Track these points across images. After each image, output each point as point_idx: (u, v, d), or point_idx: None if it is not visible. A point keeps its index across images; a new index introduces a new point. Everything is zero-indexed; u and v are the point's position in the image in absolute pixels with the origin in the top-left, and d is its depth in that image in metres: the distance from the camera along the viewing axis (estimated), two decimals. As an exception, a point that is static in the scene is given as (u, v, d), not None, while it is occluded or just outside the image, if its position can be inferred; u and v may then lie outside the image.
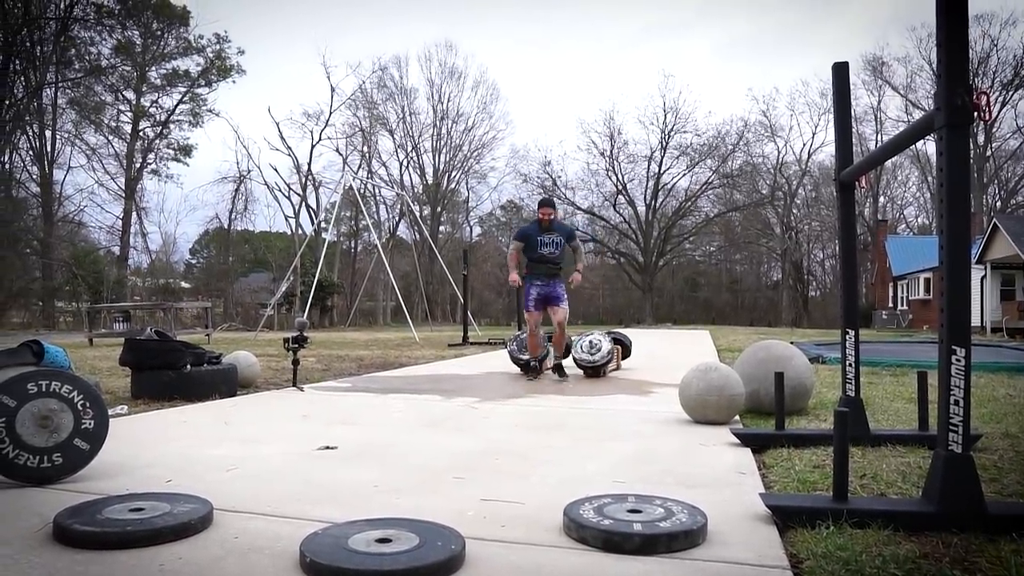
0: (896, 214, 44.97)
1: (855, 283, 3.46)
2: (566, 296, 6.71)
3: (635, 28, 62.81)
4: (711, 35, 62.11)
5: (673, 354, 10.74)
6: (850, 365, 3.18)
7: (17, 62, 28.91)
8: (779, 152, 42.96)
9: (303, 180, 36.97)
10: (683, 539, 1.93)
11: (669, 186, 43.31)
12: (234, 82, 36.87)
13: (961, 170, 2.04)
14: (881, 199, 43.30)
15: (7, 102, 28.38)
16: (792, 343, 6.86)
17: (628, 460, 3.13)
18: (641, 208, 43.21)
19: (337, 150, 38.46)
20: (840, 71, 3.34)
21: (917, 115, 37.66)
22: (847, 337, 3.19)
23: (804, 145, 42.63)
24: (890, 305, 36.21)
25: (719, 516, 2.14)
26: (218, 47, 35.85)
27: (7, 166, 30.55)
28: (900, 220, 44.88)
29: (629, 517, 2.06)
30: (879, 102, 40.42)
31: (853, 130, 4.24)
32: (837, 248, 41.68)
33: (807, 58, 62.87)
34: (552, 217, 6.67)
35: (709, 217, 44.09)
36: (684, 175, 43.00)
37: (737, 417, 4.19)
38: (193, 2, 38.76)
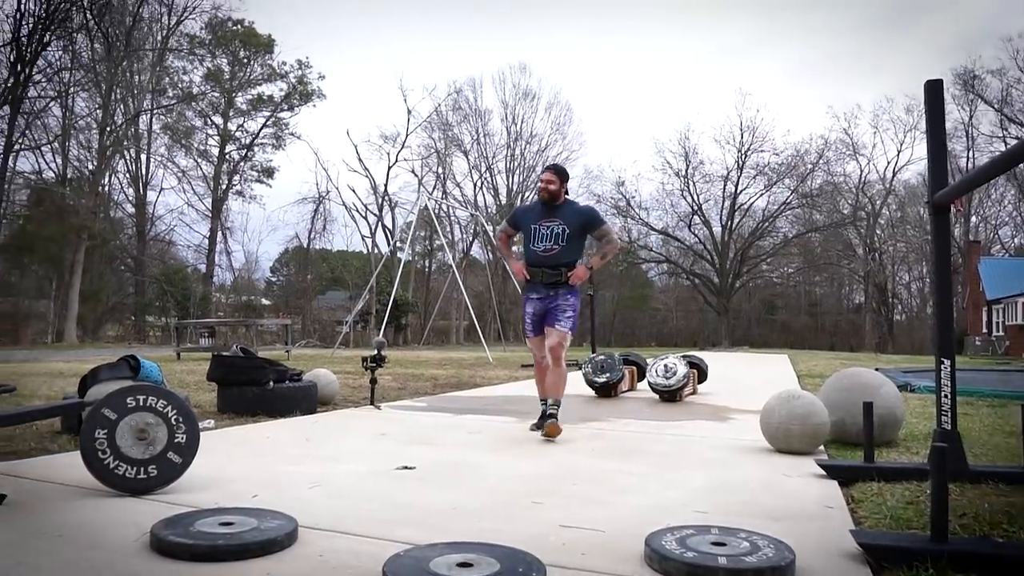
0: (990, 234, 42.84)
1: (950, 310, 3.30)
2: (571, 313, 4.53)
3: (709, 49, 62.11)
4: (788, 55, 60.93)
5: (751, 379, 10.47)
6: (946, 396, 3.03)
7: (118, 91, 30.66)
8: (862, 171, 41.56)
9: (380, 201, 37.82)
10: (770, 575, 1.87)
11: (746, 206, 42.43)
12: (315, 106, 38.14)
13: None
14: (973, 219, 41.36)
15: (108, 128, 30.10)
16: (877, 370, 6.60)
17: (708, 489, 3.06)
18: (717, 229, 42.47)
19: (413, 171, 39.24)
20: (933, 89, 3.21)
21: (1013, 130, 35.93)
22: (942, 367, 3.04)
23: (888, 163, 40.89)
24: (984, 331, 34.44)
25: (807, 552, 2.06)
26: (300, 73, 37.20)
27: (106, 188, 32.36)
28: (994, 241, 42.72)
29: (713, 550, 2.00)
30: (971, 117, 38.68)
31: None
32: (926, 271, 40.07)
33: (891, 74, 60.98)
34: (555, 189, 4.54)
35: (787, 238, 42.95)
36: (761, 195, 42.08)
37: (822, 447, 4.04)
38: (278, 30, 40.41)
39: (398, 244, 35.95)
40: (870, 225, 41.29)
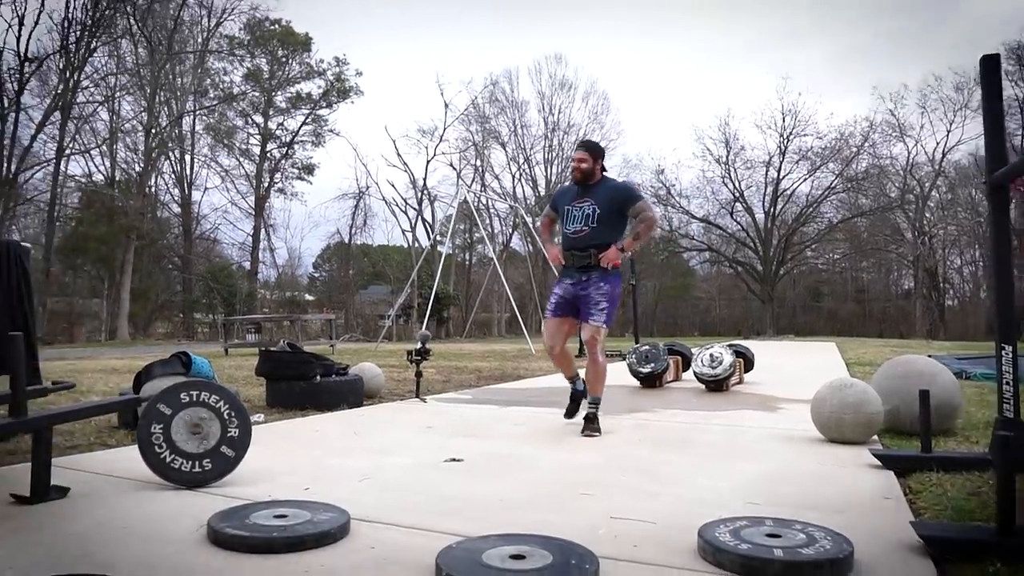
0: (1046, 216, 41.42)
1: (1011, 294, 3.20)
2: (605, 304, 4.19)
3: (749, 34, 60.92)
4: (830, 38, 59.45)
5: (798, 368, 10.30)
6: (1007, 384, 2.93)
7: (161, 94, 31.34)
8: (909, 153, 40.39)
9: (419, 195, 38.03)
10: (828, 568, 1.83)
11: (789, 192, 41.66)
12: (353, 103, 38.50)
13: None
14: (1028, 200, 40.00)
15: (153, 131, 30.80)
16: (930, 356, 6.43)
17: (760, 480, 3.01)
18: (760, 215, 41.80)
19: (451, 164, 39.34)
20: (989, 64, 3.08)
21: (1069, 108, 34.56)
22: (1004, 353, 2.94)
23: (938, 144, 39.64)
24: (1041, 315, 33.33)
25: (865, 545, 2.01)
26: (338, 70, 37.52)
27: (153, 189, 33.13)
28: (1051, 222, 41.28)
29: (768, 542, 1.97)
30: (1025, 94, 37.35)
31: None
32: (979, 254, 38.90)
33: (939, 52, 59.19)
34: (588, 168, 4.28)
35: (832, 223, 42.08)
36: (805, 180, 41.25)
37: (875, 437, 3.96)
38: (315, 28, 40.83)
39: (438, 238, 36.03)
40: (919, 208, 40.19)
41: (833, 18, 57.07)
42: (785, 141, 40.69)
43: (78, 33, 27.52)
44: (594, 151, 4.37)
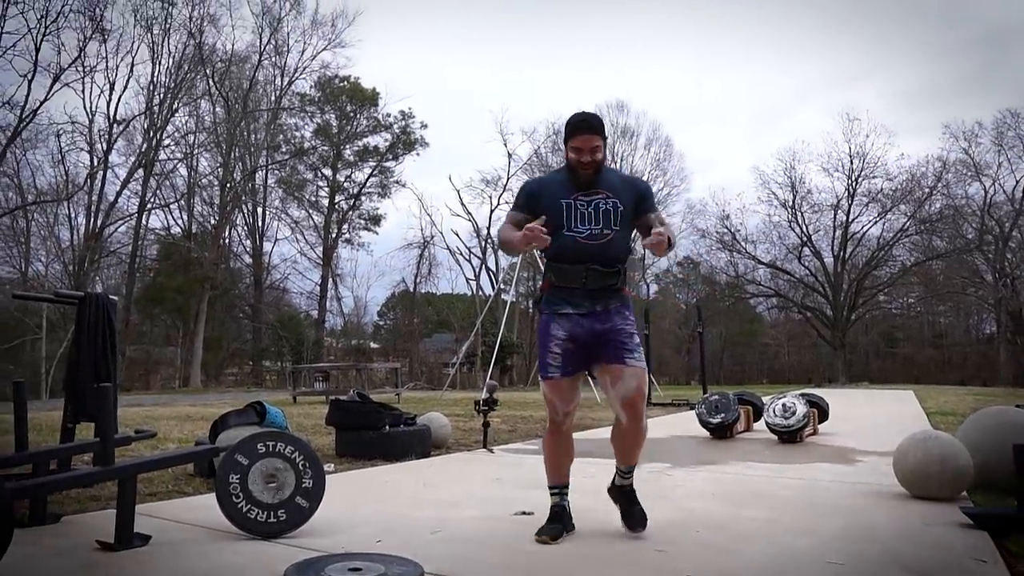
0: None
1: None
2: (639, 338, 3.03)
3: (814, 76, 60.37)
4: (897, 78, 58.41)
5: (875, 418, 9.90)
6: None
7: (236, 150, 32.79)
8: (986, 192, 38.87)
9: (483, 243, 38.48)
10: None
11: (859, 235, 40.61)
12: (418, 154, 39.42)
13: None
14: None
15: (228, 185, 32.16)
16: (1019, 407, 6.10)
17: (841, 537, 2.89)
18: (828, 260, 40.80)
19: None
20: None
21: None
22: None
23: (1017, 182, 38.15)
24: None
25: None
26: (404, 123, 38.59)
27: (227, 241, 34.42)
28: None
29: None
30: (1106, 131, 35.79)
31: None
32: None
33: (1014, 88, 57.49)
34: (599, 156, 3.00)
35: (906, 267, 40.73)
36: (875, 223, 40.14)
37: (965, 494, 3.76)
38: (382, 84, 42.10)
39: (502, 286, 36.36)
40: (999, 249, 38.58)
41: (898, 58, 56.23)
42: (854, 184, 39.83)
43: (162, 95, 29.22)
44: (603, 131, 3.06)
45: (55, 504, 3.33)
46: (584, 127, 3.01)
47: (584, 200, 2.97)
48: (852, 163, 39.86)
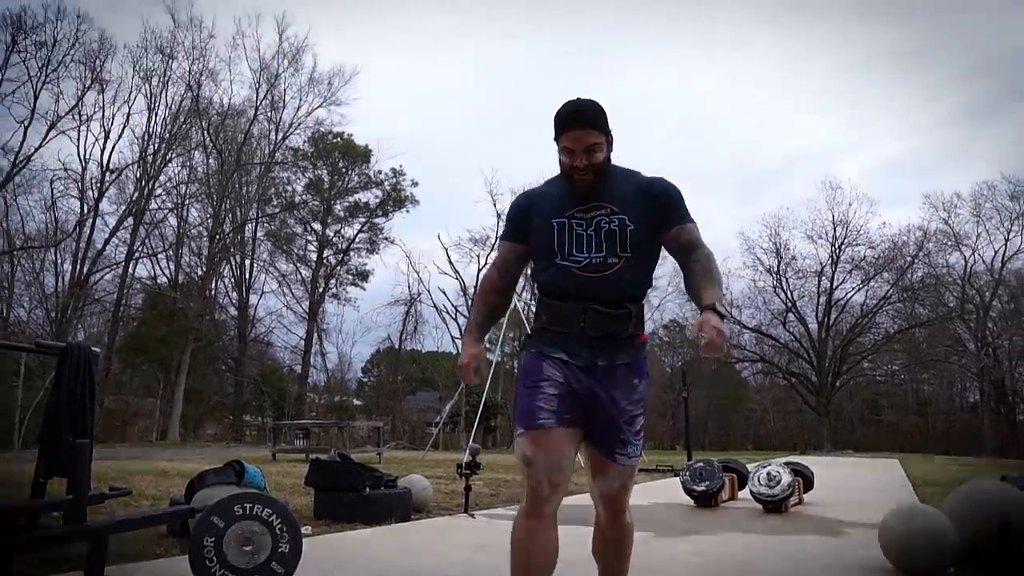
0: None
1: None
2: (643, 418, 2.34)
3: (799, 147, 61.82)
4: (879, 150, 59.93)
5: (861, 487, 9.84)
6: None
7: (227, 201, 32.94)
8: (966, 262, 39.63)
9: (469, 302, 38.49)
10: None
11: (843, 302, 41.06)
12: (408, 211, 39.70)
13: None
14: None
15: (217, 236, 32.19)
16: (1004, 478, 6.08)
17: (829, 616, 2.84)
18: (813, 326, 41.11)
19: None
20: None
21: None
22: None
23: (996, 253, 38.88)
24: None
25: None
26: (395, 180, 38.98)
27: (213, 292, 34.26)
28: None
29: None
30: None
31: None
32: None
33: (989, 162, 59.13)
34: (602, 159, 2.26)
35: (890, 334, 41.05)
36: (859, 290, 40.71)
37: (952, 569, 3.72)
38: (374, 140, 42.59)
39: (487, 346, 36.12)
40: (980, 318, 39.04)
41: (879, 130, 57.82)
42: (837, 251, 40.43)
43: (156, 145, 29.45)
44: (603, 123, 2.28)
45: (21, 564, 3.22)
46: (576, 119, 2.24)
47: (581, 218, 2.27)
48: (836, 230, 40.55)
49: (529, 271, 2.56)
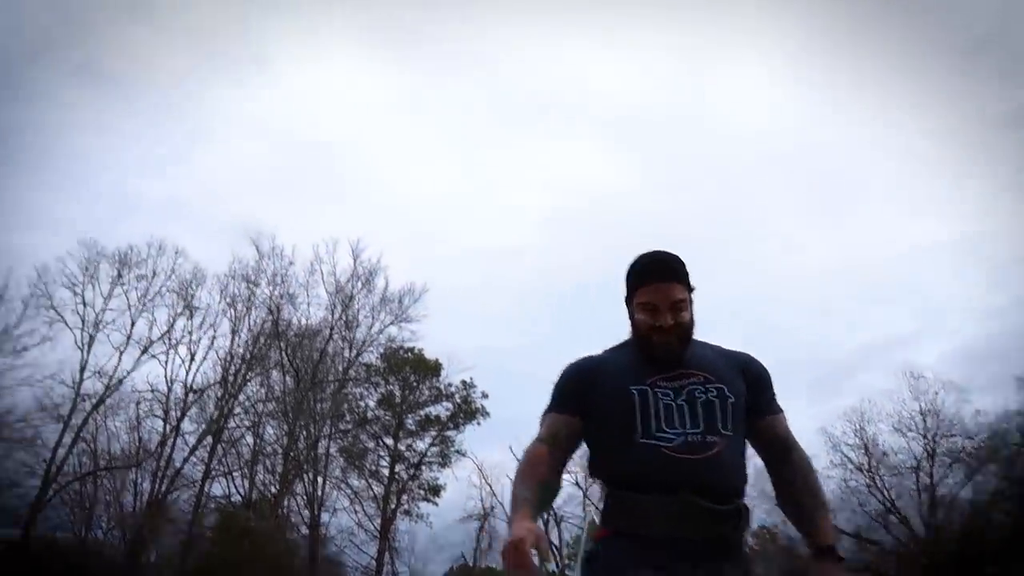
0: None
1: None
2: None
3: (874, 335, 60.72)
4: (956, 335, 58.35)
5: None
6: None
7: (302, 419, 33.73)
8: (1080, 448, 36.60)
9: (546, 513, 37.05)
10: None
11: (947, 498, 37.82)
12: (479, 423, 39.69)
13: None
14: None
15: (291, 453, 32.58)
16: None
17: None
18: (919, 527, 37.65)
19: (576, 483, 38.70)
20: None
21: None
22: None
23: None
24: None
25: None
26: (465, 393, 39.46)
27: (284, 511, 33.97)
28: None
29: None
30: None
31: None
32: None
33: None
34: (685, 317, 1.91)
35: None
36: (964, 485, 37.60)
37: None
38: (444, 355, 43.91)
39: (567, 561, 34.28)
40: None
41: (948, 319, 56.52)
42: (931, 443, 37.99)
43: (237, 365, 30.97)
44: (688, 278, 1.96)
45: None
46: (661, 271, 1.90)
47: (668, 386, 1.85)
48: (926, 421, 38.38)
49: (586, 461, 1.99)
